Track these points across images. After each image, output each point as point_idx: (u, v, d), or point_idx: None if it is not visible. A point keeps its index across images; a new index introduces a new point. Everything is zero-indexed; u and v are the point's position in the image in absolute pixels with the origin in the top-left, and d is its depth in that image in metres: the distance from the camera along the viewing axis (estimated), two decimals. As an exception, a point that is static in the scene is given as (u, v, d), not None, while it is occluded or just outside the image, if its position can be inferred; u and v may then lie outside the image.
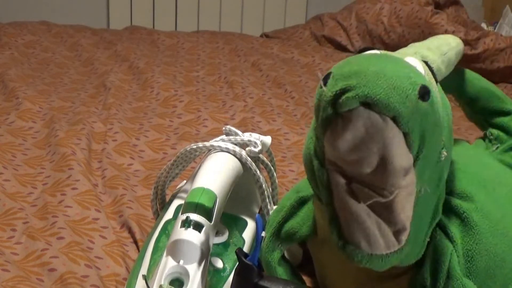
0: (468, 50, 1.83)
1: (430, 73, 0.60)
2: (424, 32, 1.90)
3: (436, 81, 0.61)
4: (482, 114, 0.85)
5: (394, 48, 1.98)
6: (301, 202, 0.71)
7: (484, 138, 0.88)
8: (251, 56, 1.88)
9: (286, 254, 0.77)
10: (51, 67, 1.70)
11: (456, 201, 0.65)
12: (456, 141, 0.81)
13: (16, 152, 1.14)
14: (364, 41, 2.04)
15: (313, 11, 2.70)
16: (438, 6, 1.99)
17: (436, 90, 0.58)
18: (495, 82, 1.77)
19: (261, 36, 2.26)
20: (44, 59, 1.77)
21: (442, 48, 0.70)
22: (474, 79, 0.84)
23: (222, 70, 1.75)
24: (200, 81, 1.66)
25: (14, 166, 1.09)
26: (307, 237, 0.70)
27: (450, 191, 0.67)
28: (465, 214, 0.64)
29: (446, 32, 1.86)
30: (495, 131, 0.84)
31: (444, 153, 0.57)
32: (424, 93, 0.51)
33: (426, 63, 0.61)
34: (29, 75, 1.60)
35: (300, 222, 0.70)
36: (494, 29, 2.37)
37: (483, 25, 2.36)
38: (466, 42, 1.85)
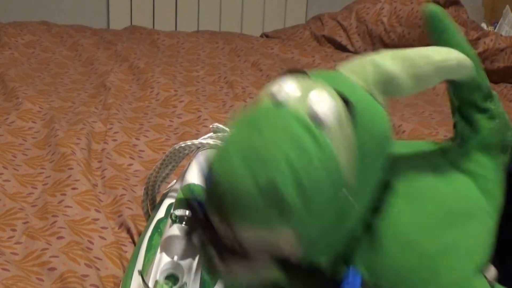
0: (468, 50, 1.83)
1: (344, 111, 0.57)
2: (424, 32, 1.90)
3: (354, 118, 0.58)
4: (459, 100, 0.84)
5: (394, 48, 1.99)
6: None
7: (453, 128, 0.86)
8: (251, 56, 1.88)
9: None
10: (51, 67, 1.71)
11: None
12: (415, 143, 0.80)
13: (16, 152, 1.14)
14: (364, 41, 2.04)
15: (313, 11, 2.70)
16: (438, 6, 1.99)
17: (345, 135, 0.57)
18: (495, 82, 1.77)
19: (261, 36, 2.26)
20: (44, 59, 1.77)
21: (417, 60, 0.66)
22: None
23: (222, 70, 1.75)
24: (200, 81, 1.66)
25: (14, 166, 1.09)
26: None
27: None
28: (373, 230, 0.63)
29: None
30: (461, 125, 0.81)
31: (345, 191, 0.57)
32: (274, 192, 0.52)
33: (345, 99, 0.58)
34: (29, 75, 1.60)
35: None
36: (494, 29, 2.37)
37: (483, 25, 2.36)
38: (466, 42, 1.85)
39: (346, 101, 0.58)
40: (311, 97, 0.57)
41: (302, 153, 0.54)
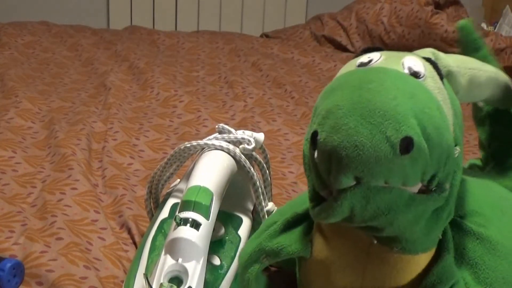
0: (468, 50, 1.83)
1: (432, 69, 0.59)
2: (424, 32, 1.90)
3: (441, 77, 0.60)
4: (492, 119, 0.84)
5: (393, 48, 1.99)
6: (296, 220, 0.68)
7: (480, 147, 0.87)
8: (251, 56, 1.88)
9: None
10: (51, 67, 1.70)
11: (471, 225, 0.65)
12: None
13: (16, 148, 1.14)
14: (364, 41, 2.04)
15: (313, 11, 2.70)
16: (438, 6, 1.99)
17: (438, 88, 0.58)
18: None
19: (261, 36, 2.26)
20: (44, 59, 1.77)
21: (471, 64, 0.68)
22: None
23: (222, 70, 1.75)
24: (200, 81, 1.66)
25: (14, 165, 1.09)
26: (295, 256, 0.67)
27: (462, 213, 0.66)
28: (483, 237, 0.64)
29: (446, 32, 1.86)
30: (495, 144, 0.83)
31: (458, 149, 0.57)
32: (407, 145, 0.52)
33: (428, 59, 0.60)
34: (29, 75, 1.60)
35: (290, 240, 0.67)
36: (494, 29, 2.37)
37: (483, 25, 2.36)
38: (466, 42, 1.85)
39: (433, 63, 0.59)
40: (404, 59, 0.58)
41: (422, 105, 0.54)
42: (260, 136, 0.84)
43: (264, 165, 0.86)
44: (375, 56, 0.59)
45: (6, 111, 1.31)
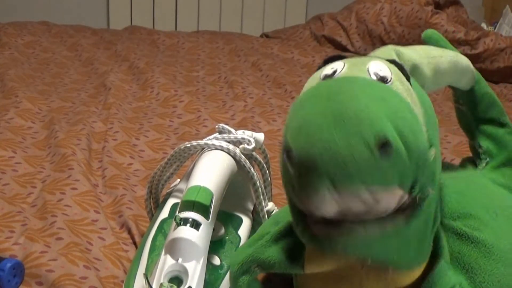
0: (468, 50, 1.83)
1: (398, 71, 0.59)
2: (424, 32, 1.90)
3: (408, 79, 0.59)
4: (477, 120, 0.85)
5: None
6: (290, 230, 0.66)
7: (472, 150, 0.87)
8: (251, 56, 1.88)
9: None
10: (51, 67, 1.70)
11: (466, 228, 0.65)
12: (447, 165, 0.80)
13: (16, 148, 1.14)
14: (364, 41, 2.04)
15: (313, 11, 2.70)
16: (438, 6, 1.99)
17: (407, 89, 0.57)
18: (495, 82, 1.77)
19: (261, 36, 2.26)
20: (44, 59, 1.77)
21: (432, 52, 0.69)
22: (482, 81, 0.84)
23: (222, 70, 1.75)
24: (200, 81, 1.66)
25: (14, 165, 1.09)
26: (288, 271, 0.66)
27: (456, 216, 0.66)
28: (478, 241, 0.64)
29: (446, 32, 1.86)
30: (485, 143, 0.83)
31: (433, 152, 0.57)
32: (385, 147, 0.51)
33: (393, 61, 0.60)
34: (29, 75, 1.60)
35: (283, 254, 0.65)
36: (494, 29, 2.37)
37: (483, 25, 2.36)
38: (466, 42, 1.85)
39: (399, 65, 0.60)
40: (369, 65, 0.57)
41: (395, 109, 0.53)
42: (260, 136, 0.84)
43: (264, 165, 0.86)
44: (338, 66, 0.59)
45: (6, 111, 1.31)
